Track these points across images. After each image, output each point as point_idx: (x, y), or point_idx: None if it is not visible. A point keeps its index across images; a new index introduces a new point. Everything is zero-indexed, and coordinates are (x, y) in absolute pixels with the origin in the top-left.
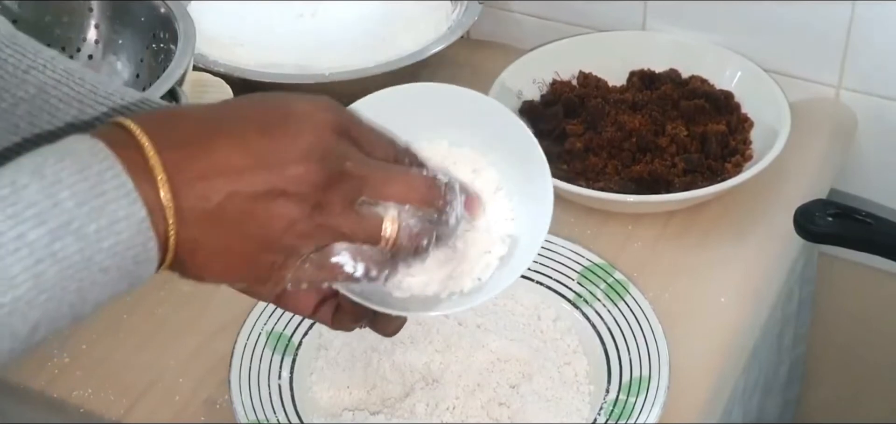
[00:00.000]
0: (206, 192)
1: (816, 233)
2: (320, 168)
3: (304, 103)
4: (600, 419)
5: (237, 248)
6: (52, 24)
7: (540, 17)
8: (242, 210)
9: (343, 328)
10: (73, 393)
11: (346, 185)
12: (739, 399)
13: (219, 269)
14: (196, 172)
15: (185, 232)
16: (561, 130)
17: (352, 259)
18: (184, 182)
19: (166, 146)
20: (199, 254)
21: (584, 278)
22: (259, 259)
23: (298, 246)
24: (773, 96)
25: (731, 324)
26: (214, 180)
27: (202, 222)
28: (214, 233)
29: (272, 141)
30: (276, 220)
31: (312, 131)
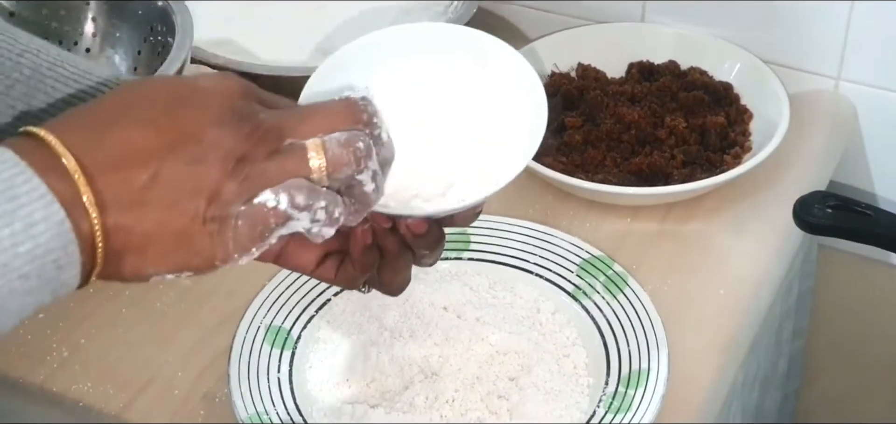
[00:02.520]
0: (126, 176)
1: (816, 225)
2: (236, 127)
3: (207, 78)
4: (599, 411)
5: (170, 228)
6: (50, 18)
7: (539, 8)
8: (168, 186)
9: (347, 284)
10: (71, 388)
11: (264, 135)
12: (738, 392)
13: (155, 256)
14: (112, 160)
15: (111, 222)
16: (560, 122)
17: (273, 194)
18: (101, 173)
19: (76, 142)
20: (131, 244)
21: (584, 270)
22: (195, 234)
23: (229, 206)
24: (773, 88)
25: (731, 317)
26: (132, 164)
27: (128, 209)
28: (143, 217)
29: (183, 115)
30: (202, 186)
31: (220, 98)
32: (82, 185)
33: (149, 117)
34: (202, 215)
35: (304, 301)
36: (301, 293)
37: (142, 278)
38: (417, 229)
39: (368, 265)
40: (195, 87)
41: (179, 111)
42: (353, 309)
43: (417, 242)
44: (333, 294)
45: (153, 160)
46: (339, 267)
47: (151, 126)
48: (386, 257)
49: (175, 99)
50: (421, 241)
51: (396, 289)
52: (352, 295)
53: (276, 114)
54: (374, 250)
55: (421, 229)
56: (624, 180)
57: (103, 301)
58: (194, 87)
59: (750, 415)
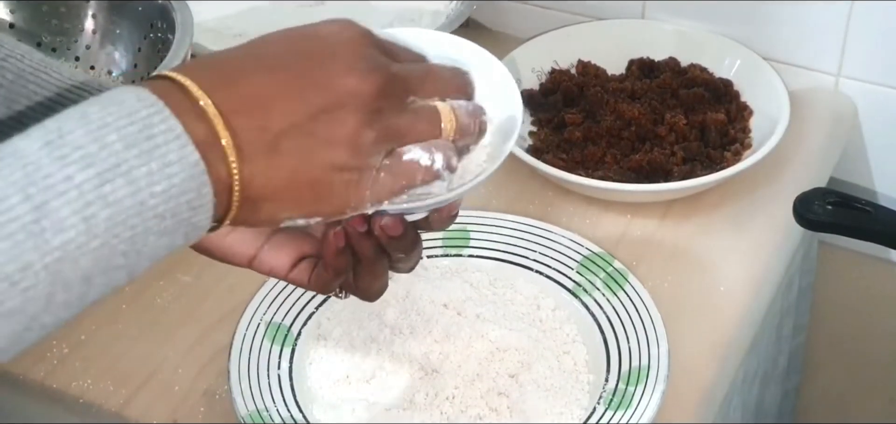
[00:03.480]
0: (263, 123)
1: (816, 222)
2: (370, 75)
3: (331, 24)
4: (599, 408)
5: (306, 175)
6: (50, 15)
7: (539, 5)
8: (304, 133)
9: (322, 289)
10: (72, 384)
11: (395, 87)
12: (739, 388)
13: (290, 203)
14: (249, 106)
15: (248, 169)
16: (560, 119)
17: (426, 152)
18: (239, 118)
19: (213, 88)
20: (267, 191)
21: (584, 267)
22: (332, 183)
23: (369, 157)
24: (773, 85)
25: (731, 314)
26: (269, 109)
27: (266, 154)
28: (280, 163)
29: (315, 63)
30: (339, 135)
31: (350, 45)
32: (221, 128)
33: (282, 66)
34: (340, 164)
35: (305, 298)
36: (301, 290)
37: (275, 223)
38: (393, 231)
39: (341, 268)
40: (322, 36)
41: (311, 61)
42: (354, 306)
43: (393, 244)
44: None
45: (289, 108)
46: (313, 271)
47: (285, 74)
48: (362, 262)
49: (305, 49)
50: (396, 244)
51: (373, 295)
52: None
53: (403, 68)
54: (347, 253)
55: (397, 231)
56: (624, 176)
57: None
58: (321, 36)
59: (750, 412)
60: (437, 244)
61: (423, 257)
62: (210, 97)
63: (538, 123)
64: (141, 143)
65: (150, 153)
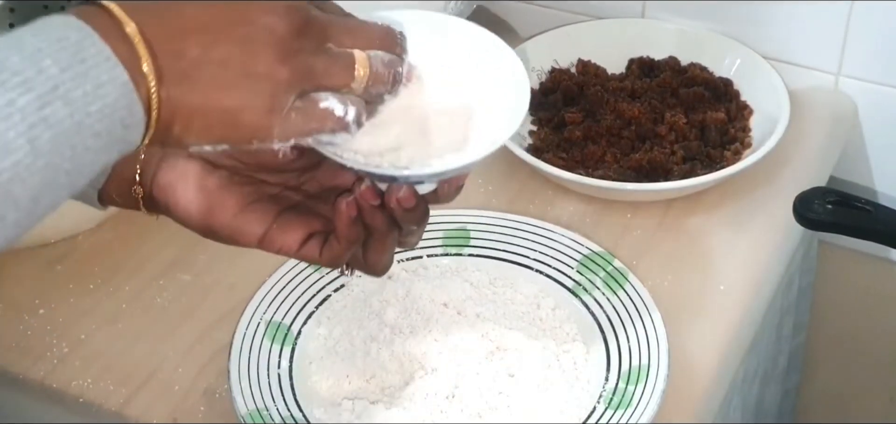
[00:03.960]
0: (181, 48)
1: (816, 221)
2: (288, 14)
3: None
4: (599, 407)
5: (219, 103)
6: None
7: (539, 4)
8: (220, 62)
9: (333, 263)
10: (71, 384)
11: (313, 30)
12: (739, 388)
13: (203, 127)
14: (169, 31)
15: (166, 91)
16: (560, 118)
17: (340, 102)
18: (158, 42)
19: (136, 12)
20: (181, 113)
21: (584, 266)
22: (243, 113)
23: (279, 94)
24: (773, 84)
25: (731, 313)
26: (188, 36)
27: (182, 80)
28: (195, 89)
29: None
30: (253, 68)
31: None
32: (143, 51)
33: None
34: (250, 96)
35: (305, 297)
36: (301, 289)
37: (183, 146)
38: (407, 203)
39: (353, 239)
40: None
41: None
42: (354, 305)
43: (406, 216)
44: (333, 290)
45: (208, 37)
46: (324, 246)
47: (207, 6)
48: (373, 236)
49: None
50: (409, 215)
51: (381, 269)
52: (351, 291)
53: (324, 16)
54: (359, 224)
55: (411, 203)
56: (624, 176)
57: (103, 297)
58: None
59: (750, 411)
60: (437, 244)
61: (423, 256)
62: (133, 19)
63: (538, 123)
64: (75, 66)
65: (84, 75)
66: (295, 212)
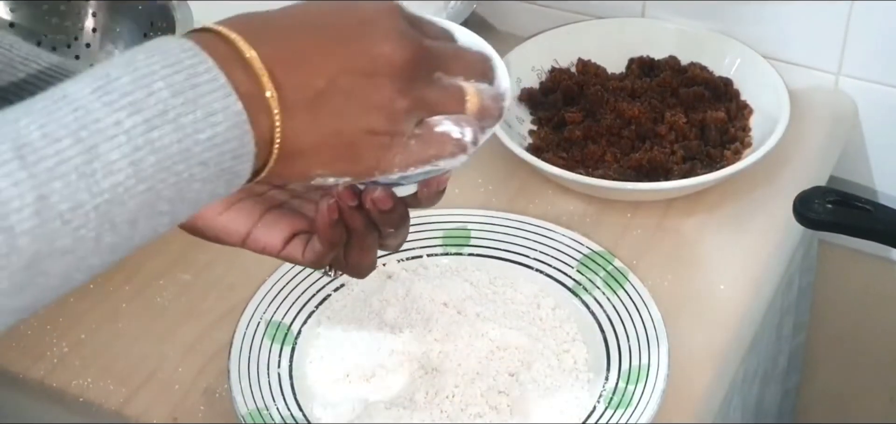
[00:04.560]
0: (306, 78)
1: (816, 220)
2: (404, 46)
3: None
4: (599, 407)
5: (343, 134)
6: (50, 14)
7: (538, 4)
8: (344, 93)
9: (316, 264)
10: (72, 383)
11: (426, 60)
12: (739, 387)
13: (325, 160)
14: (294, 61)
15: (290, 123)
16: (560, 117)
17: (457, 126)
18: (283, 72)
19: (259, 41)
20: (305, 146)
21: (584, 266)
22: (365, 145)
23: (401, 123)
24: (773, 83)
25: (731, 312)
26: (312, 66)
27: (306, 110)
28: (319, 120)
29: (355, 28)
30: (375, 99)
31: (386, 15)
32: (266, 80)
33: (324, 27)
34: (374, 127)
35: (305, 297)
36: (301, 289)
37: (306, 179)
38: (383, 205)
39: (335, 241)
40: (360, 5)
41: (351, 25)
42: (354, 305)
43: (383, 218)
44: (333, 290)
45: (330, 67)
46: (306, 247)
47: (327, 35)
48: (353, 237)
49: (345, 14)
50: (386, 217)
51: (363, 271)
52: (351, 291)
53: (434, 44)
54: (341, 226)
55: (387, 205)
56: (624, 175)
57: (103, 297)
58: (358, 5)
59: (750, 411)
60: (437, 243)
61: (423, 256)
62: (256, 50)
63: (538, 122)
64: (186, 91)
65: (195, 101)
66: (279, 211)
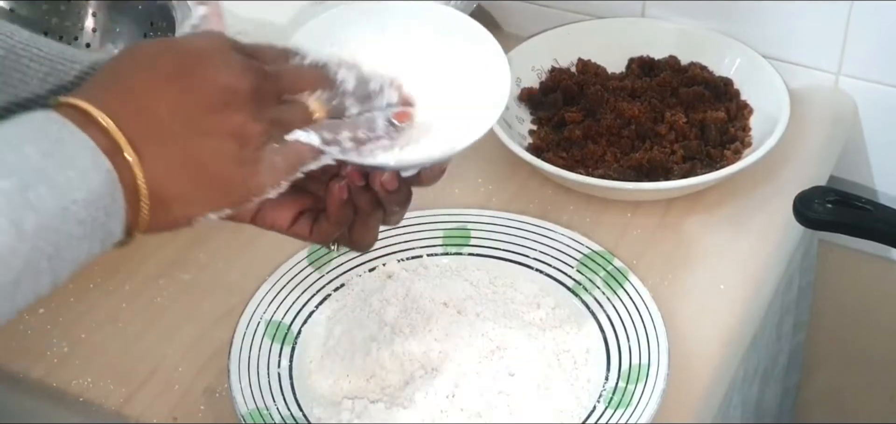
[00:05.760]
0: (157, 129)
1: (816, 220)
2: (245, 75)
3: (196, 37)
4: (599, 407)
5: (206, 168)
6: (49, 14)
7: (538, 4)
8: (195, 130)
9: (323, 240)
10: (72, 383)
11: (269, 84)
12: (739, 386)
13: (198, 198)
14: (140, 113)
15: (149, 167)
16: (560, 117)
17: (304, 133)
18: (132, 128)
19: (105, 101)
20: (173, 188)
21: (584, 266)
22: (232, 175)
23: (259, 148)
24: (773, 83)
25: (731, 312)
26: (156, 107)
27: (160, 150)
28: (179, 159)
29: (191, 66)
30: (229, 129)
31: (219, 50)
32: (121, 140)
33: (161, 68)
34: (235, 156)
35: (305, 296)
36: (301, 289)
37: (187, 221)
38: (390, 185)
39: (344, 219)
40: (193, 44)
41: (186, 64)
42: (353, 304)
43: (389, 198)
44: (333, 290)
45: (174, 105)
46: (314, 224)
47: (165, 75)
48: (359, 214)
49: (180, 54)
50: (392, 197)
51: (366, 246)
52: (352, 291)
53: (272, 68)
54: (350, 205)
55: (393, 186)
56: (624, 175)
57: (103, 296)
58: (192, 44)
59: (750, 409)
60: (437, 243)
61: (423, 256)
62: (104, 111)
63: (538, 122)
64: (57, 153)
65: (68, 161)
66: (286, 191)
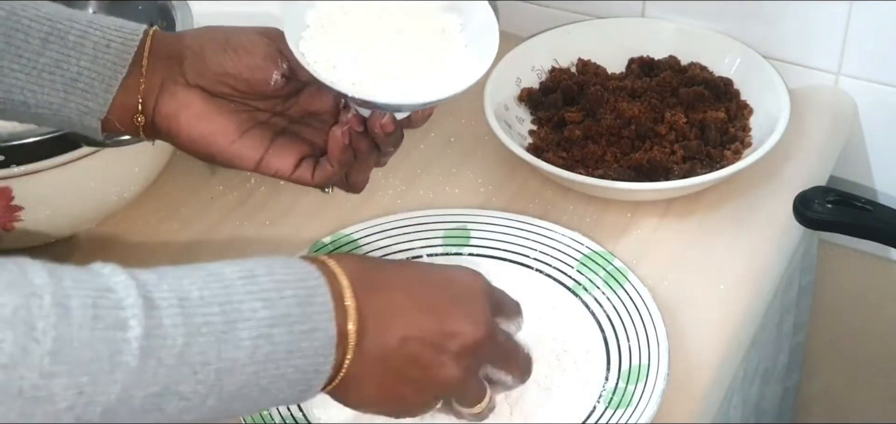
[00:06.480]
0: (385, 330)
1: (816, 220)
2: (481, 330)
3: (463, 272)
4: (600, 407)
5: (397, 388)
6: None
7: (538, 4)
8: (413, 356)
9: (323, 183)
10: None
11: (490, 352)
12: (739, 386)
13: (374, 401)
14: (381, 307)
15: (356, 364)
16: (560, 117)
17: None
18: (369, 315)
19: (357, 287)
20: (361, 386)
21: (584, 265)
22: (414, 400)
23: (441, 397)
24: (773, 83)
25: (731, 312)
26: (394, 319)
27: (374, 359)
28: (381, 370)
29: (440, 297)
30: (442, 382)
31: (475, 298)
32: (353, 323)
33: (414, 285)
34: (419, 396)
35: None
36: None
37: (348, 406)
38: (388, 128)
39: (345, 162)
40: (452, 276)
41: (438, 291)
42: None
43: (386, 140)
44: None
45: (409, 325)
46: (315, 168)
47: (414, 294)
48: (357, 157)
49: (434, 279)
50: (389, 139)
51: (361, 187)
52: None
53: (505, 338)
54: (350, 149)
55: (391, 129)
56: (624, 175)
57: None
58: (451, 276)
59: (750, 409)
60: (437, 243)
61: (423, 256)
62: (356, 297)
63: (538, 122)
64: (305, 305)
65: (309, 316)
66: (287, 138)
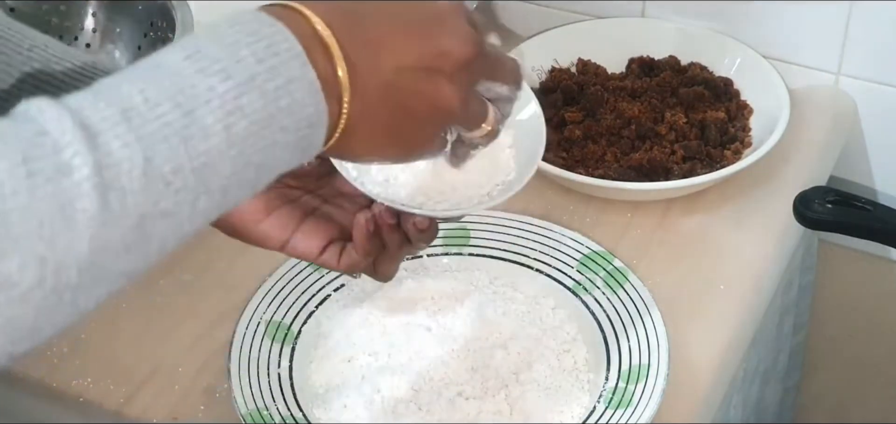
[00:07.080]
0: (378, 65)
1: (816, 220)
2: (468, 45)
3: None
4: (600, 407)
5: (402, 126)
6: (50, 13)
7: (538, 4)
8: (408, 86)
9: (350, 270)
10: (72, 383)
11: (480, 62)
12: (739, 386)
13: (380, 145)
14: (364, 41)
15: (357, 104)
16: (560, 117)
17: None
18: (353, 51)
19: (327, 14)
20: (366, 132)
21: (584, 266)
22: (421, 135)
23: (446, 123)
24: (773, 83)
25: (731, 312)
26: (383, 52)
27: (373, 95)
28: (382, 109)
29: (425, 24)
30: (434, 92)
31: (453, 14)
32: (339, 58)
33: (398, 16)
34: (428, 119)
35: (305, 296)
36: (302, 288)
37: (358, 159)
38: (422, 226)
39: (371, 252)
40: (439, 7)
41: (423, 22)
42: (354, 305)
43: (420, 237)
44: (333, 290)
45: (399, 56)
46: (342, 254)
47: (401, 28)
48: (387, 249)
49: (419, 10)
50: (423, 236)
51: (389, 277)
52: (352, 291)
53: (490, 48)
54: (377, 239)
55: (425, 225)
56: (624, 175)
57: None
58: (438, 7)
59: (750, 409)
60: (437, 243)
61: (423, 256)
62: (332, 31)
63: None
64: (269, 59)
65: (276, 69)
66: (315, 220)
